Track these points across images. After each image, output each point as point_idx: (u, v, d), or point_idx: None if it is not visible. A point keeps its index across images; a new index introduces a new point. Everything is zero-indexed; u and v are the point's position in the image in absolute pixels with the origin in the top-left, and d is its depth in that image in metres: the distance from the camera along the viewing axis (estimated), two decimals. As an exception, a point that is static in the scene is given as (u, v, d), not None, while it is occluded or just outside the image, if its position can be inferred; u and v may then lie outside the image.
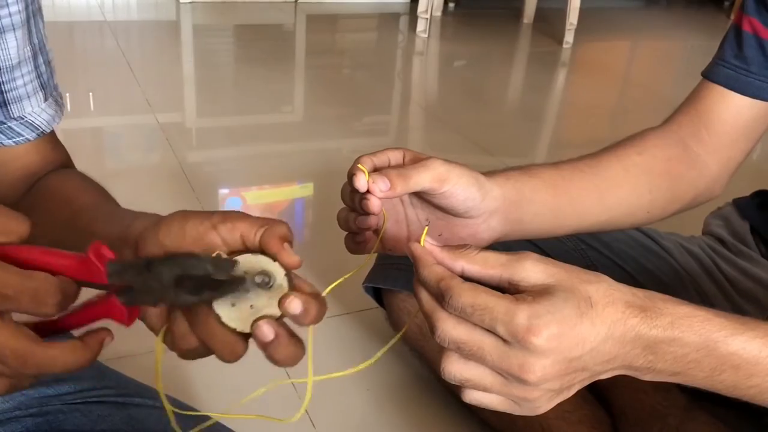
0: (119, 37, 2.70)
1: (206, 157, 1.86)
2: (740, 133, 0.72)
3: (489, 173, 0.58)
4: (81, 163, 0.67)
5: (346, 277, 0.50)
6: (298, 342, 0.42)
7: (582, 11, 2.97)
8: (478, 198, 0.55)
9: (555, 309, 0.40)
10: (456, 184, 0.53)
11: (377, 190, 0.50)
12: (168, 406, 0.45)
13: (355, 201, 0.54)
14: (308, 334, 0.42)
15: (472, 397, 0.44)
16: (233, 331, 0.40)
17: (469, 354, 0.42)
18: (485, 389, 0.43)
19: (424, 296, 0.44)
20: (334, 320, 1.16)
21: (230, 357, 0.41)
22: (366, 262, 0.57)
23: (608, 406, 0.87)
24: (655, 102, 2.53)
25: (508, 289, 0.43)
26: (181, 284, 0.39)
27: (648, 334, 0.41)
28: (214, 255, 0.40)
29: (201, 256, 0.40)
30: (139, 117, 1.99)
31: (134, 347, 0.79)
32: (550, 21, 3.38)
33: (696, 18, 4.13)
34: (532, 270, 0.42)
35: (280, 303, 0.40)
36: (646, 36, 3.72)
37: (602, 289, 0.42)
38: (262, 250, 0.41)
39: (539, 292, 0.41)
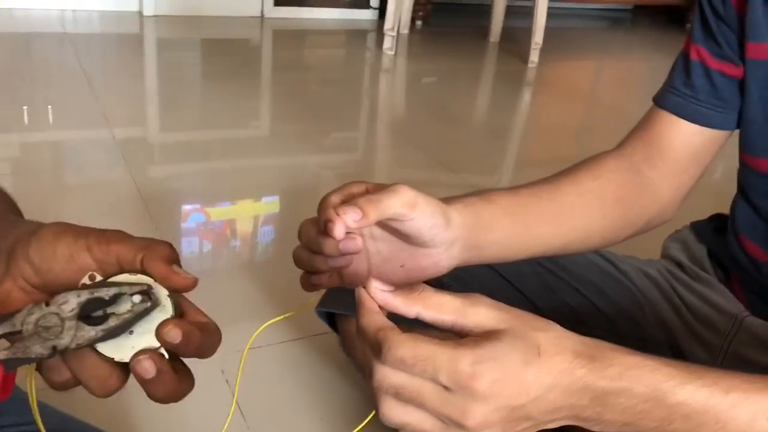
0: (79, 50, 2.65)
1: (170, 173, 1.82)
2: (691, 159, 0.73)
3: (447, 200, 0.57)
4: (38, 178, 0.63)
5: (285, 315, 0.49)
6: (185, 377, 0.38)
7: (547, 31, 3.01)
8: (443, 225, 0.54)
9: (498, 354, 0.39)
10: (424, 211, 0.52)
11: (349, 221, 0.48)
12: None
13: (324, 245, 0.52)
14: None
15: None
16: (110, 360, 0.36)
17: (408, 399, 0.40)
18: None
19: (362, 344, 0.43)
20: (287, 345, 1.13)
21: (101, 391, 0.37)
22: (313, 298, 0.55)
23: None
24: (619, 121, 2.55)
25: (458, 332, 0.42)
26: (86, 315, 0.36)
27: (595, 384, 0.41)
28: (87, 276, 0.36)
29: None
30: (95, 132, 1.94)
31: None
32: (516, 40, 3.42)
33: (659, 39, 4.22)
34: (485, 316, 0.42)
35: (158, 330, 0.35)
36: (610, 56, 3.78)
37: (551, 337, 0.41)
38: (143, 272, 0.37)
39: (485, 336, 0.40)
